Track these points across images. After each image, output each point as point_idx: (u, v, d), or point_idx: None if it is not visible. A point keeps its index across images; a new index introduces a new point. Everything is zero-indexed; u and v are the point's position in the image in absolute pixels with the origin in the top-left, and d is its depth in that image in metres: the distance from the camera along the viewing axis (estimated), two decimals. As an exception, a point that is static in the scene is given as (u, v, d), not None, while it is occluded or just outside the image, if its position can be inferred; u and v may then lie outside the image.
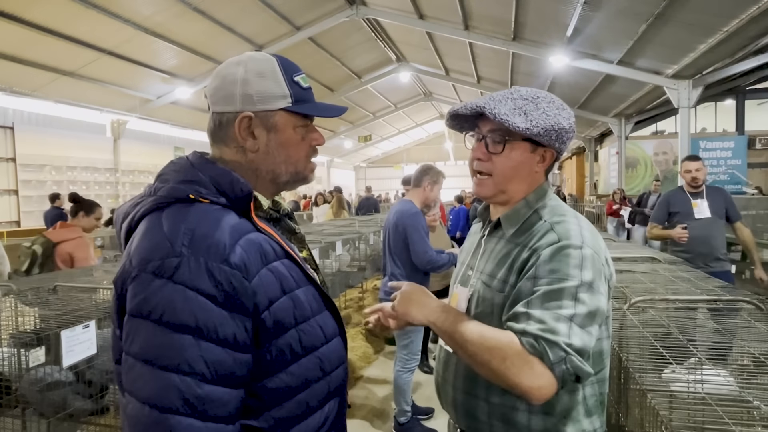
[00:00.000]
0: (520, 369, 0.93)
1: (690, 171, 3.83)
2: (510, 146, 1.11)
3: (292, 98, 0.99)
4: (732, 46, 8.25)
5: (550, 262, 1.00)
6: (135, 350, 0.82)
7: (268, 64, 0.99)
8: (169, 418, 0.78)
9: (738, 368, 1.46)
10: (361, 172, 32.39)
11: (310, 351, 0.95)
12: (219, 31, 10.56)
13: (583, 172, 20.86)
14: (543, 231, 1.06)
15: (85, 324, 1.89)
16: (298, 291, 0.95)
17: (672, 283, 2.18)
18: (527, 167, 1.13)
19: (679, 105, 9.64)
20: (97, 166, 12.88)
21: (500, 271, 1.10)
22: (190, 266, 0.82)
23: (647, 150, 14.95)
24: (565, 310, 0.95)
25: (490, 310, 1.09)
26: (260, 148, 0.99)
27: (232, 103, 0.97)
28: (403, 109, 22.18)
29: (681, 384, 1.36)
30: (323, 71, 14.86)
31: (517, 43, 10.59)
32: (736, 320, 1.73)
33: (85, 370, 2.05)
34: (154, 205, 0.91)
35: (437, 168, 3.42)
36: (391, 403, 3.76)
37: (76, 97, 11.36)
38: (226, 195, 0.92)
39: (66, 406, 1.99)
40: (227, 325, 0.83)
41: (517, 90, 1.12)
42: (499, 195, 1.16)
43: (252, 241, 0.90)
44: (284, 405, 0.91)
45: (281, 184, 1.04)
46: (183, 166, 0.97)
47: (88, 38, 9.48)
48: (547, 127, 1.07)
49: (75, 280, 2.63)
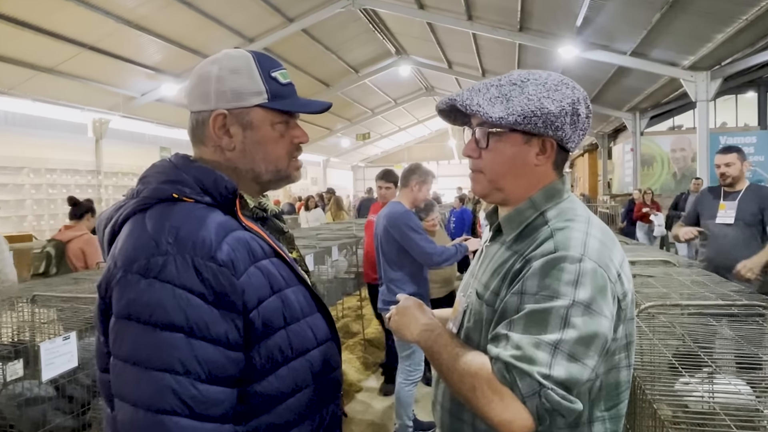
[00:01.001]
0: (489, 399, 0.89)
1: (719, 166, 3.46)
2: (496, 138, 1.05)
3: (268, 94, 1.01)
4: (752, 35, 8.29)
5: (540, 277, 0.92)
6: (124, 353, 0.84)
7: (242, 61, 1.02)
8: (165, 420, 0.80)
9: (752, 377, 1.48)
10: (359, 172, 32.42)
11: (301, 354, 0.97)
12: (207, 24, 10.60)
13: (596, 170, 20.87)
14: (542, 238, 0.98)
15: (66, 335, 1.91)
16: (287, 290, 0.97)
17: (686, 288, 2.20)
18: (521, 160, 1.05)
19: (696, 98, 9.67)
20: (78, 168, 12.89)
21: (494, 281, 1.03)
22: (177, 264, 0.84)
23: (664, 146, 14.96)
24: (550, 335, 0.87)
25: (479, 325, 1.04)
26: (236, 147, 1.01)
27: (207, 102, 1.01)
28: (403, 105, 22.22)
29: (691, 394, 1.38)
30: (318, 65, 14.90)
31: (523, 33, 10.63)
32: (752, 326, 1.75)
33: (66, 385, 2.07)
34: (138, 207, 0.94)
35: (425, 167, 3.48)
36: (391, 417, 3.78)
37: (55, 95, 11.37)
38: (210, 194, 0.95)
39: (46, 423, 2.01)
40: (218, 323, 0.85)
41: (509, 75, 1.06)
42: (494, 193, 1.10)
43: (239, 238, 0.93)
44: (274, 410, 0.93)
45: (264, 184, 1.07)
46: (165, 167, 1.00)
47: (67, 32, 9.50)
48: (526, 113, 0.99)
49: (55, 289, 2.65)
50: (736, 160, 3.42)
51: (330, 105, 1.10)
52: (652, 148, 15.05)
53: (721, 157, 3.46)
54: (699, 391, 1.38)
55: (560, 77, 1.05)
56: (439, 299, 4.52)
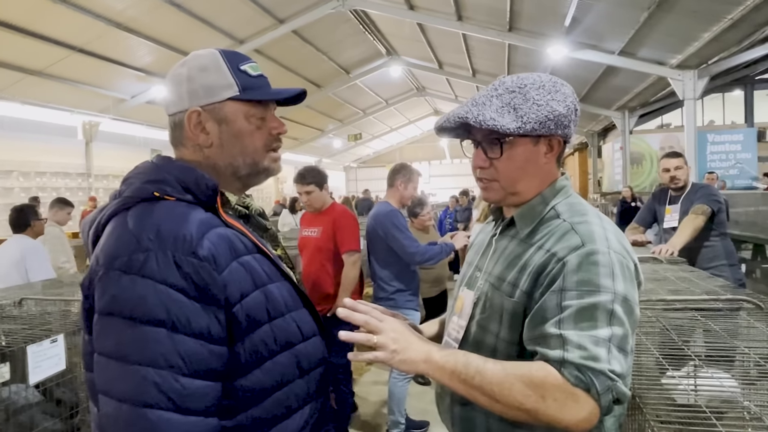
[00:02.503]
0: (563, 404, 0.88)
1: (668, 170, 3.47)
2: (509, 146, 1.06)
3: (238, 87, 1.02)
4: (738, 33, 8.36)
5: (578, 272, 0.94)
6: (108, 348, 0.85)
7: (209, 58, 1.03)
8: (148, 414, 0.81)
9: (735, 370, 1.49)
10: (351, 172, 32.42)
11: (286, 348, 0.98)
12: (197, 26, 10.56)
13: (586, 168, 21.00)
14: (561, 231, 1.02)
15: (53, 338, 1.90)
16: (271, 286, 0.98)
17: (672, 283, 2.22)
18: (534, 163, 1.08)
19: (684, 97, 9.74)
20: (68, 171, 12.82)
21: (510, 273, 1.06)
22: (158, 260, 0.85)
23: (653, 144, 15.08)
24: (602, 330, 0.90)
25: (497, 316, 1.05)
26: (214, 142, 1.02)
27: (181, 103, 1.02)
28: (394, 105, 22.24)
29: (675, 387, 1.39)
30: (309, 66, 14.89)
31: (513, 34, 10.67)
32: (736, 320, 1.77)
33: (54, 388, 2.05)
34: (120, 207, 0.95)
35: (411, 167, 3.55)
36: (383, 416, 3.78)
37: (44, 98, 11.30)
38: (191, 192, 0.96)
39: (33, 427, 1.99)
40: (200, 317, 0.86)
41: (501, 83, 1.08)
42: (509, 197, 1.12)
43: (220, 234, 0.93)
44: (260, 404, 0.94)
45: (243, 178, 1.07)
46: (147, 168, 1.01)
47: (56, 35, 9.44)
48: (540, 118, 1.03)
49: (43, 292, 2.63)
50: (683, 164, 3.48)
51: (304, 91, 1.10)
52: (641, 147, 15.16)
53: (671, 162, 3.48)
54: (683, 385, 1.39)
55: (549, 77, 1.08)
56: (431, 298, 4.54)
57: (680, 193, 3.50)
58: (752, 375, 1.42)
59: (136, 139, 14.88)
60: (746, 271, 6.13)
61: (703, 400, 1.28)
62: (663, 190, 3.68)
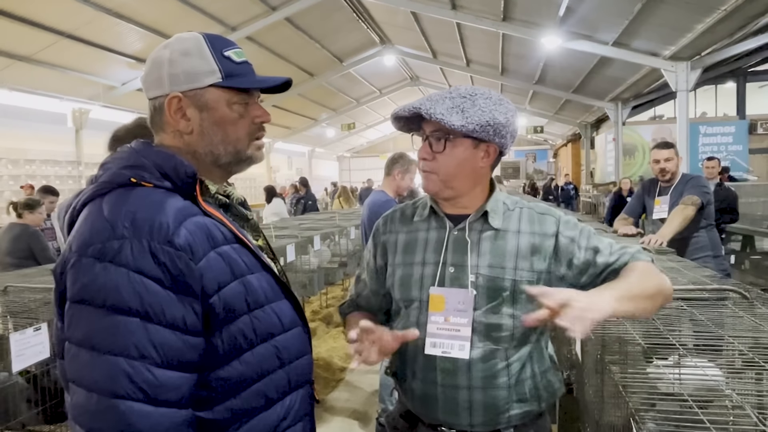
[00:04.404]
0: (658, 273, 1.21)
1: (658, 161, 3.45)
2: (451, 144, 1.21)
3: (221, 73, 0.99)
4: (731, 25, 8.38)
5: (571, 229, 1.25)
6: (78, 337, 0.83)
7: (193, 42, 1.00)
8: (119, 404, 0.80)
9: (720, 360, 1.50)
10: (345, 162, 32.33)
11: (266, 339, 0.97)
12: (187, 12, 10.42)
13: (579, 159, 21.07)
14: (533, 217, 1.26)
15: (37, 326, 1.88)
16: (250, 276, 0.96)
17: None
18: (470, 163, 1.23)
19: (677, 88, 9.77)
20: (57, 159, 12.67)
21: (507, 260, 1.21)
22: (133, 248, 0.83)
23: (645, 136, 15.14)
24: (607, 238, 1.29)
25: (509, 298, 1.20)
26: (194, 129, 0.99)
27: (161, 87, 0.99)
28: (388, 95, 22.13)
29: (660, 377, 1.39)
30: (302, 55, 14.75)
31: (507, 23, 10.62)
32: (722, 310, 1.77)
33: (38, 376, 2.04)
34: (96, 192, 0.92)
35: (409, 156, 3.45)
36: (373, 406, 3.79)
37: (33, 84, 11.14)
38: (169, 179, 0.94)
39: (17, 415, 1.98)
40: (175, 308, 0.84)
41: (456, 89, 1.23)
42: (445, 190, 1.25)
43: (198, 223, 0.92)
44: (239, 396, 0.93)
45: (224, 166, 1.04)
46: (126, 153, 0.98)
47: (44, 20, 9.29)
48: (482, 122, 1.17)
49: (29, 280, 2.60)
50: (673, 155, 3.45)
51: (289, 80, 1.07)
52: (634, 138, 15.21)
53: (661, 153, 3.46)
54: (668, 375, 1.40)
55: (498, 94, 1.26)
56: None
57: (670, 184, 3.48)
58: (737, 365, 1.43)
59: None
60: (735, 261, 6.20)
61: (688, 390, 1.28)
62: (653, 181, 3.67)
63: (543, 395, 1.24)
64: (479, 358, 1.19)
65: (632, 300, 1.09)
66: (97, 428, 0.81)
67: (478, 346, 1.19)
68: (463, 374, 1.20)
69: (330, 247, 5.67)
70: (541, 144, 28.23)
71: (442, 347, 1.20)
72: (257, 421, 0.95)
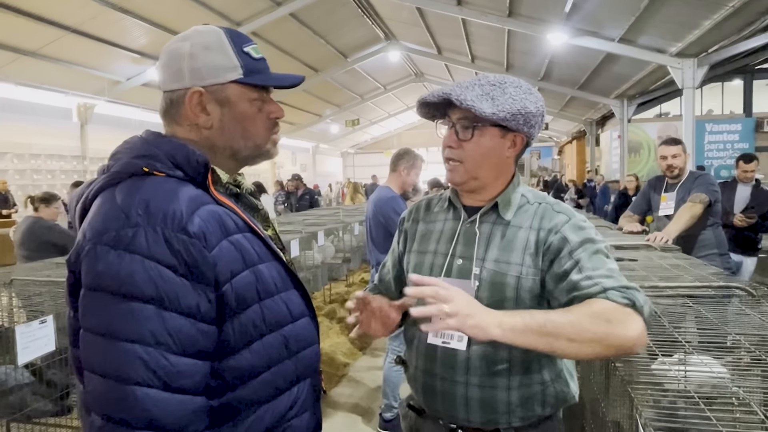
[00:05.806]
0: (624, 322, 1.00)
1: (666, 158, 3.43)
2: (479, 132, 1.18)
3: (242, 69, 1.00)
4: (738, 22, 8.29)
5: (575, 234, 1.15)
6: (94, 325, 0.83)
7: (214, 36, 1.00)
8: (135, 390, 0.80)
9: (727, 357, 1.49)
10: (349, 158, 32.29)
11: (275, 329, 0.97)
12: (193, 7, 10.41)
13: (584, 157, 20.97)
14: (545, 212, 1.20)
15: (42, 319, 1.89)
16: (261, 266, 0.97)
17: (664, 270, 2.21)
18: (497, 153, 1.20)
19: (683, 85, 9.68)
20: (62, 154, 12.71)
21: (512, 255, 1.17)
22: (147, 236, 0.84)
23: (650, 133, 15.02)
24: (610, 263, 1.11)
25: (511, 294, 1.16)
26: (214, 124, 1.00)
27: (181, 80, 0.99)
28: (393, 91, 22.06)
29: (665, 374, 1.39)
30: (307, 50, 14.72)
31: (512, 19, 10.56)
32: (728, 307, 1.77)
33: (44, 369, 2.05)
34: (108, 182, 0.93)
35: (414, 152, 3.49)
36: (376, 401, 3.80)
37: (38, 79, 11.16)
38: (181, 168, 0.94)
39: (24, 407, 1.99)
40: (189, 295, 0.85)
41: (485, 77, 1.20)
42: (470, 181, 1.22)
43: (211, 211, 0.92)
44: (248, 385, 0.93)
45: (242, 160, 1.06)
46: (137, 143, 0.99)
47: (49, 14, 9.29)
48: (513, 111, 1.14)
49: (34, 274, 2.61)
50: (681, 152, 3.42)
51: (303, 78, 1.08)
52: (639, 135, 15.11)
53: (669, 149, 3.43)
54: (673, 371, 1.40)
55: (527, 83, 1.22)
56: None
57: (677, 181, 3.46)
58: (744, 362, 1.42)
59: (132, 121, 14.74)
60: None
61: (693, 386, 1.28)
62: (659, 178, 3.65)
63: (551, 401, 1.21)
64: (479, 355, 1.18)
65: (541, 335, 0.97)
66: (113, 414, 0.81)
67: (478, 343, 1.17)
68: (462, 369, 1.20)
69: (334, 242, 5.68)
70: (546, 141, 28.12)
71: (443, 336, 1.21)
72: (265, 410, 0.96)
